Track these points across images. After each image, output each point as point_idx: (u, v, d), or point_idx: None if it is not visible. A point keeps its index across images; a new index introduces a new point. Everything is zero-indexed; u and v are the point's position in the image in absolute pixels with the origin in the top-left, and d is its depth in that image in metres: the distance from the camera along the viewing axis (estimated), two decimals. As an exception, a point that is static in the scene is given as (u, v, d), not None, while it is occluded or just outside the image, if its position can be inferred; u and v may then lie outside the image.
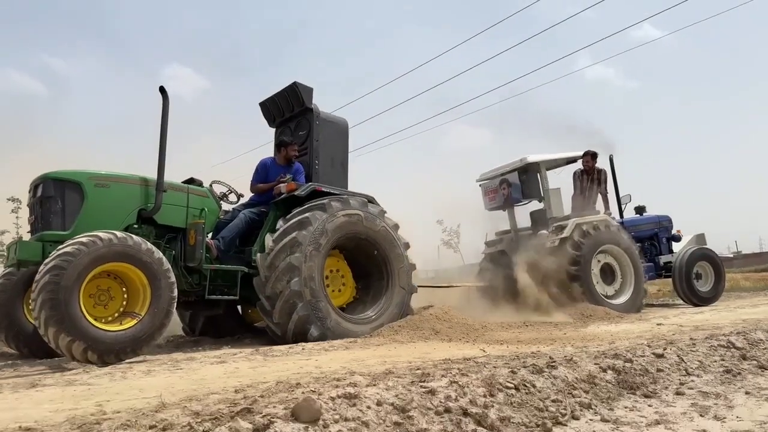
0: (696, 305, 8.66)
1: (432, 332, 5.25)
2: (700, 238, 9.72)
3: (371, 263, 6.13)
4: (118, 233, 4.30)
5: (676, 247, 9.51)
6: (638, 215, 9.69)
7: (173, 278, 4.48)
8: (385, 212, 6.22)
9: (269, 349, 4.55)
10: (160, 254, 4.47)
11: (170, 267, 4.49)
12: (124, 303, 4.49)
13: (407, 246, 6.30)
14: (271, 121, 6.90)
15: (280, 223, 5.51)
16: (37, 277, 3.96)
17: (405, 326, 5.45)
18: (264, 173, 6.27)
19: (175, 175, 5.40)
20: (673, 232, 9.71)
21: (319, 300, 5.34)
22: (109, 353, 4.02)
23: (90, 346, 3.94)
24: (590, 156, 8.79)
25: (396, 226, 6.24)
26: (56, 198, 4.65)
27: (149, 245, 4.43)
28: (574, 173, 8.88)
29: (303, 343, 4.94)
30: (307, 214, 5.45)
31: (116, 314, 4.43)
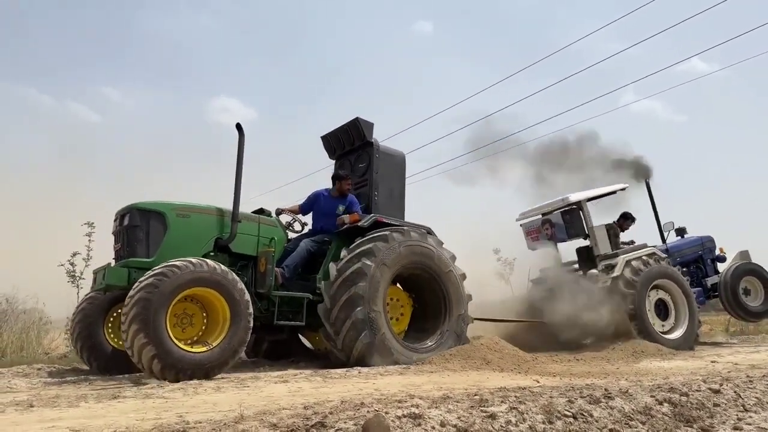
0: (747, 320, 8.39)
1: (483, 362, 5.31)
2: (744, 254, 9.45)
3: (429, 293, 6.28)
4: (210, 261, 4.60)
5: (722, 267, 9.30)
6: (680, 237, 9.52)
7: (251, 309, 4.73)
8: (442, 243, 6.40)
9: (327, 371, 4.71)
10: (243, 285, 4.73)
11: (249, 299, 4.73)
12: (203, 328, 4.75)
13: (464, 277, 6.44)
14: (331, 154, 7.19)
15: (343, 252, 5.71)
16: (132, 293, 4.25)
17: (456, 355, 5.53)
18: (311, 202, 6.56)
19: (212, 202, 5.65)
20: (717, 252, 9.50)
21: (382, 328, 5.51)
22: (185, 372, 4.24)
23: (170, 363, 4.17)
24: (627, 219, 8.98)
25: (453, 257, 6.42)
26: (142, 227, 4.97)
27: (234, 275, 4.70)
28: (609, 227, 8.78)
29: (359, 367, 5.09)
30: (370, 245, 5.65)
31: (195, 338, 4.68)
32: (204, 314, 4.76)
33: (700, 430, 2.60)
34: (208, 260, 4.62)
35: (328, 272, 5.64)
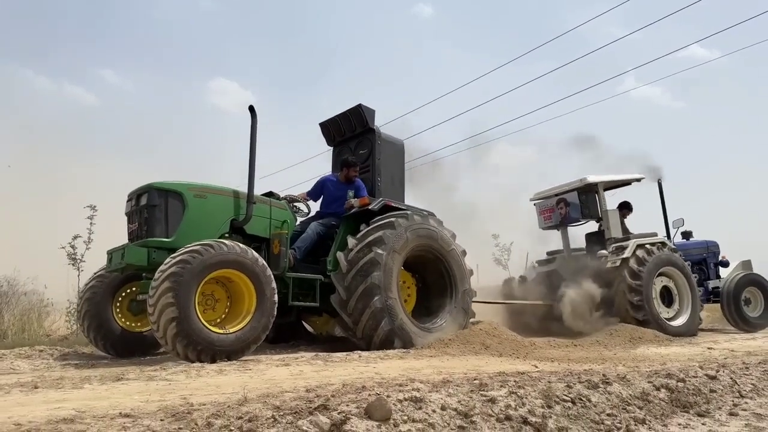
0: (745, 330, 8.53)
1: (482, 347, 5.36)
2: (746, 264, 9.67)
3: (433, 272, 6.40)
4: (241, 245, 4.66)
5: (724, 272, 9.45)
6: (685, 240, 9.65)
7: (274, 284, 4.77)
8: (442, 222, 6.52)
9: (328, 355, 4.76)
10: (270, 271, 4.77)
11: (275, 285, 4.77)
12: (226, 311, 4.79)
13: (464, 253, 6.59)
14: (330, 141, 7.20)
15: (351, 241, 5.76)
16: (163, 267, 4.27)
17: (455, 340, 5.59)
18: (319, 188, 6.61)
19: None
20: (720, 257, 9.65)
21: (400, 314, 5.62)
22: (207, 353, 4.28)
23: (194, 342, 4.21)
24: (625, 208, 9.07)
25: (454, 236, 6.54)
26: (160, 207, 4.96)
27: (262, 260, 4.75)
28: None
29: (360, 351, 5.16)
30: (379, 233, 5.72)
31: (217, 320, 4.72)
32: (228, 299, 4.79)
33: (696, 415, 2.64)
34: (240, 244, 4.66)
35: (337, 261, 5.69)
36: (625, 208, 9.12)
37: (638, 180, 8.89)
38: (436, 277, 6.38)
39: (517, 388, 2.60)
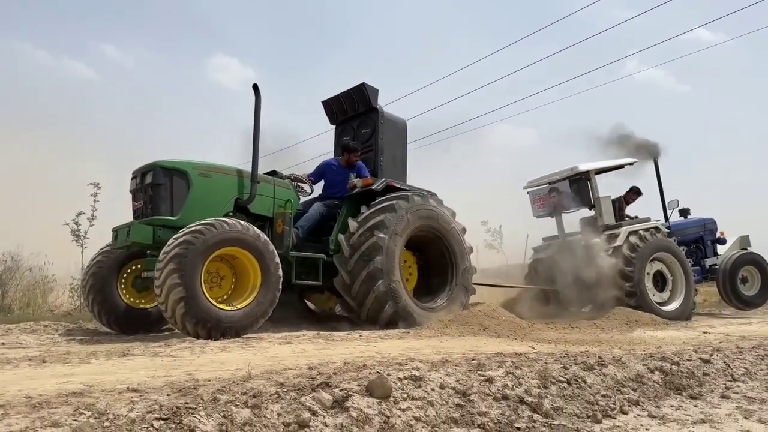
0: (740, 309, 8.59)
1: (480, 328, 5.44)
2: (744, 240, 9.64)
3: (434, 250, 6.45)
4: (243, 222, 4.71)
5: (721, 249, 9.47)
6: (683, 218, 9.66)
7: (281, 272, 4.83)
8: (442, 202, 6.56)
9: (329, 334, 4.83)
10: (273, 247, 4.82)
11: (279, 261, 4.82)
12: (232, 288, 4.86)
13: (464, 231, 6.64)
14: (332, 119, 7.19)
15: (352, 224, 5.80)
16: (166, 248, 4.32)
17: (454, 321, 5.66)
18: (321, 172, 6.65)
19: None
20: (717, 234, 9.66)
21: (403, 296, 5.69)
22: (217, 330, 4.34)
23: (203, 320, 4.27)
24: (635, 192, 9.13)
25: (453, 214, 6.58)
26: (165, 185, 5.00)
27: (266, 237, 4.79)
28: (613, 201, 8.89)
29: (360, 330, 5.24)
30: (381, 217, 5.75)
31: (223, 297, 4.79)
32: (233, 275, 4.86)
33: (689, 397, 2.70)
34: (241, 221, 4.71)
35: (339, 244, 5.74)
36: (634, 193, 9.16)
37: (630, 164, 8.89)
38: (437, 255, 6.44)
39: (514, 368, 2.66)
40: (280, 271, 4.82)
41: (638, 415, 2.40)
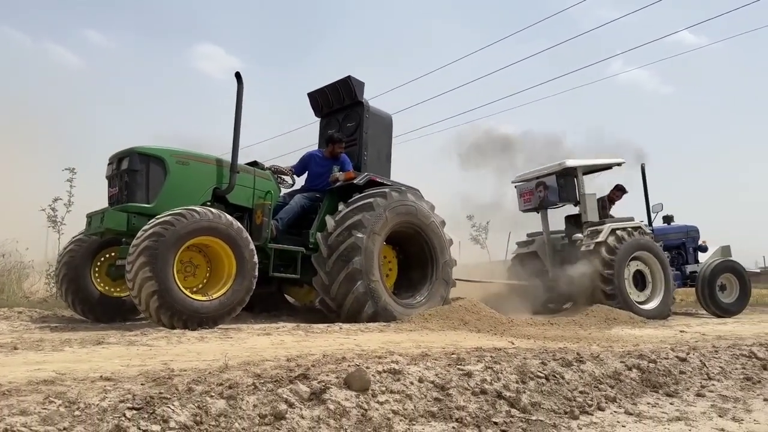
0: (717, 316, 8.71)
1: (461, 323, 5.44)
2: (726, 249, 9.78)
3: (414, 245, 6.41)
4: (215, 210, 4.64)
5: (702, 257, 9.59)
6: (666, 224, 9.78)
7: (257, 259, 4.77)
8: (422, 197, 6.50)
9: (309, 326, 4.80)
10: (247, 234, 4.76)
11: (254, 248, 4.76)
12: (207, 277, 4.79)
13: (443, 223, 6.61)
14: (318, 111, 7.13)
15: (330, 221, 5.73)
16: (136, 241, 4.24)
17: (435, 315, 5.66)
18: (305, 163, 6.59)
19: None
20: (700, 242, 9.79)
21: (383, 296, 5.65)
22: (193, 321, 4.30)
23: (178, 311, 4.23)
24: (619, 190, 9.20)
25: (432, 207, 6.53)
26: (141, 172, 4.90)
27: (239, 225, 4.73)
28: (598, 200, 8.95)
29: (340, 324, 5.20)
30: (358, 216, 5.68)
31: (197, 287, 4.72)
32: (208, 265, 4.80)
33: (665, 395, 2.72)
34: (212, 209, 4.64)
35: (323, 225, 5.70)
36: (619, 190, 9.24)
37: (618, 164, 8.97)
38: (416, 250, 6.41)
39: (493, 363, 2.66)
40: (256, 258, 4.76)
41: (615, 411, 2.42)
